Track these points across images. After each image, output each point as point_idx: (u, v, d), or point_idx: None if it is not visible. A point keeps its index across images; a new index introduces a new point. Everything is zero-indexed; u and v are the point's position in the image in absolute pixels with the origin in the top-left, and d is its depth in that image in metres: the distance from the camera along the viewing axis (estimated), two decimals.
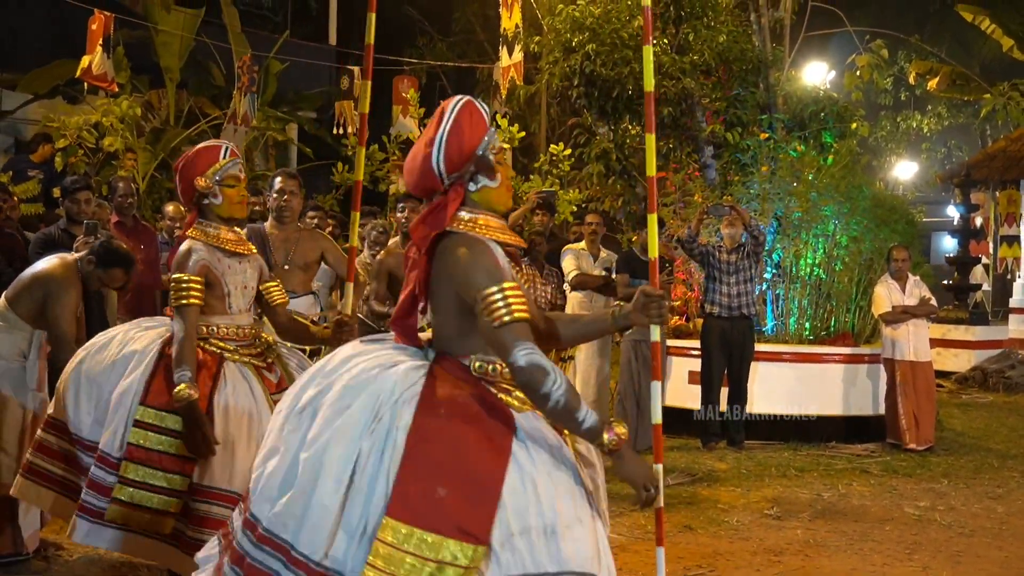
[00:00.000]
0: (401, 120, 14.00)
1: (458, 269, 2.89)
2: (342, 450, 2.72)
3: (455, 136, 2.96)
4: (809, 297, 10.36)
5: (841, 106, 12.96)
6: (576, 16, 12.34)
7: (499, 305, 2.80)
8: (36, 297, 4.93)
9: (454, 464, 2.70)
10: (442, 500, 2.65)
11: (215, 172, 4.54)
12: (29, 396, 5.02)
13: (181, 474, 4.27)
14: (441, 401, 2.80)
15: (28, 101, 14.03)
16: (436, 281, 2.98)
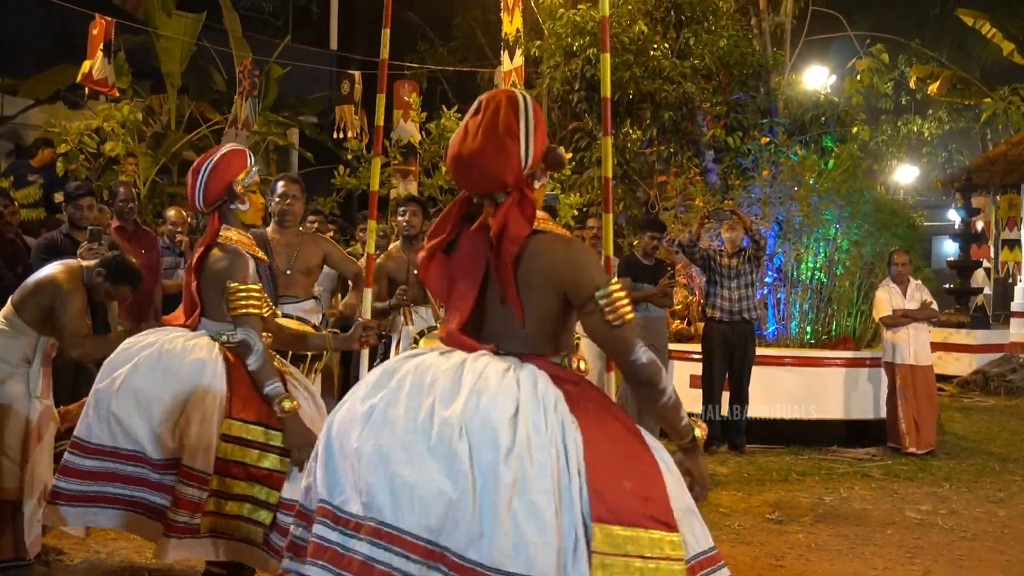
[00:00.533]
0: (402, 124, 13.97)
1: (569, 268, 2.80)
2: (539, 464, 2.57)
3: (540, 132, 2.89)
4: (810, 301, 10.37)
5: (842, 110, 12.98)
6: (577, 21, 12.36)
7: (622, 303, 2.77)
8: (42, 303, 4.94)
9: (623, 457, 2.67)
10: (631, 493, 2.60)
11: (245, 176, 4.50)
12: (33, 403, 5.02)
13: (269, 486, 4.20)
14: (583, 399, 2.74)
15: (29, 106, 14.05)
16: (528, 284, 2.83)
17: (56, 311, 4.89)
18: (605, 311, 2.76)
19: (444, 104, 13.27)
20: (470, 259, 2.90)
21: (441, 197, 12.28)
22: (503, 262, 2.81)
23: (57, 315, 4.89)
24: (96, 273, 5.05)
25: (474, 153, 2.84)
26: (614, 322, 2.76)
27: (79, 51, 12.11)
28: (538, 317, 2.84)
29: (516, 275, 2.81)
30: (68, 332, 4.88)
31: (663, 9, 12.71)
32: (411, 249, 7.44)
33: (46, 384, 5.09)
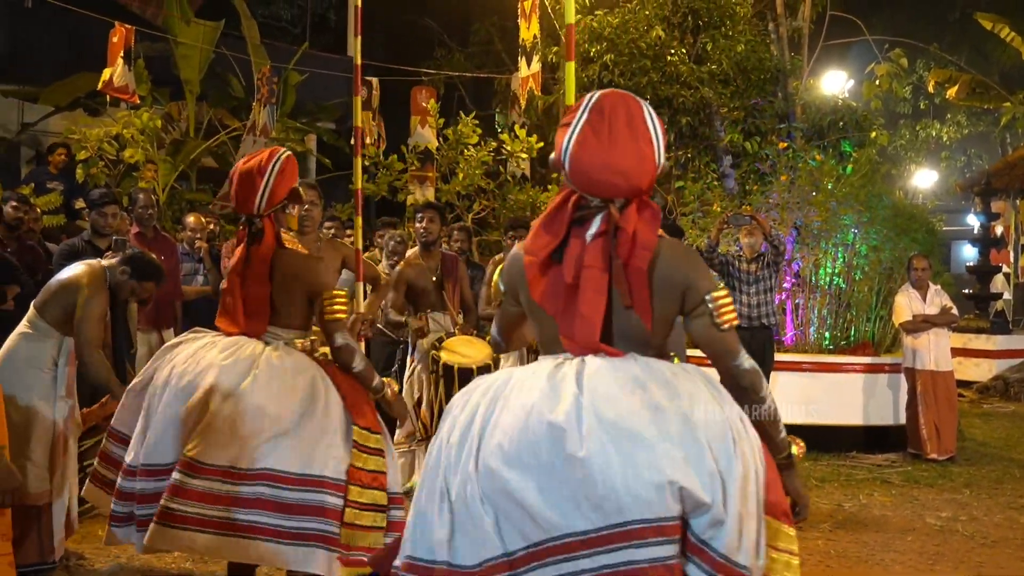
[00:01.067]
0: (419, 130, 14.03)
1: (690, 271, 2.82)
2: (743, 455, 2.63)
3: (663, 132, 2.88)
4: (829, 307, 10.33)
5: (860, 115, 12.95)
6: (594, 27, 12.38)
7: (729, 307, 2.81)
8: (64, 303, 4.98)
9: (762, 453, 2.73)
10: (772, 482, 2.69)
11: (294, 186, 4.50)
12: (59, 404, 5.06)
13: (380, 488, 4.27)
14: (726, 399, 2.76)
15: (50, 113, 14.15)
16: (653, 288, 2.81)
17: (77, 312, 4.93)
18: (714, 314, 2.80)
19: (461, 110, 13.30)
20: (592, 265, 2.81)
21: (458, 203, 12.31)
22: (637, 268, 2.77)
23: (77, 316, 4.92)
24: (120, 271, 5.09)
25: (616, 159, 2.78)
26: (722, 326, 2.80)
27: (99, 59, 12.19)
28: (661, 320, 2.84)
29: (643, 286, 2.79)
30: (84, 335, 4.91)
31: (680, 14, 12.71)
32: (429, 255, 7.45)
33: (71, 384, 5.14)
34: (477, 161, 12.20)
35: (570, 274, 2.79)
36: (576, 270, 2.79)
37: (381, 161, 12.81)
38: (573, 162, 2.79)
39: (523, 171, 13.60)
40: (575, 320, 2.78)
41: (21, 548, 4.98)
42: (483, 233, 12.79)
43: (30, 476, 4.92)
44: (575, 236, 2.83)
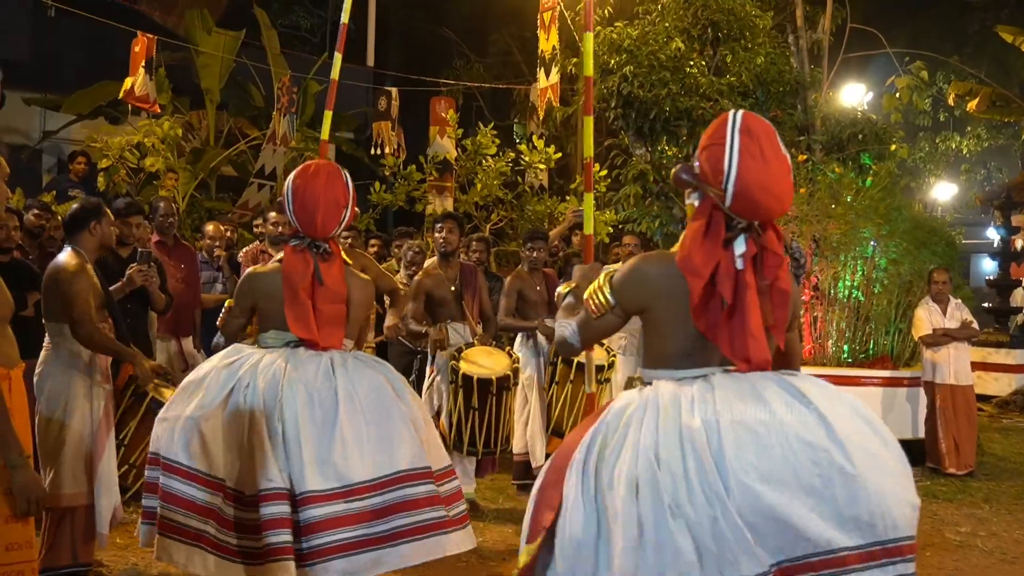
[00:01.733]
0: (438, 141, 14.06)
1: (796, 290, 3.11)
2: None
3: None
4: (848, 320, 10.28)
5: (880, 128, 12.90)
6: (614, 38, 12.36)
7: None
8: (56, 296, 5.04)
9: None
10: None
11: None
12: (96, 391, 5.13)
13: None
14: None
15: (71, 122, 14.26)
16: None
17: (63, 293, 5.00)
18: (800, 327, 3.10)
19: (480, 121, 13.32)
20: (751, 285, 2.92)
21: (476, 213, 12.33)
22: (783, 290, 2.95)
23: (64, 297, 4.99)
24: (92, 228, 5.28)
25: (774, 183, 2.91)
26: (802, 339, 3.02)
27: (120, 68, 12.28)
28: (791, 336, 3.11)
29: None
30: (74, 315, 5.00)
31: (700, 27, 12.69)
32: (447, 265, 7.46)
33: (105, 367, 5.20)
34: (495, 171, 12.22)
35: (730, 295, 2.89)
36: (735, 291, 2.89)
37: (400, 171, 12.84)
38: (739, 184, 2.89)
39: (541, 182, 13.61)
40: (747, 340, 2.88)
41: (53, 551, 5.01)
42: (501, 244, 12.80)
43: (65, 478, 4.97)
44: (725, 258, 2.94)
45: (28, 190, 11.00)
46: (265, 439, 4.17)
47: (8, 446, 3.30)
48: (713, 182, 2.91)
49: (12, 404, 3.73)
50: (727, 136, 2.91)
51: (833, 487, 2.67)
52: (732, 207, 2.90)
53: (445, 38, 20.65)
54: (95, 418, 5.10)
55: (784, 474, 2.67)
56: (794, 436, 2.71)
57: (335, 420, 4.21)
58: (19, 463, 3.33)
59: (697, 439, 2.72)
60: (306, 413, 4.20)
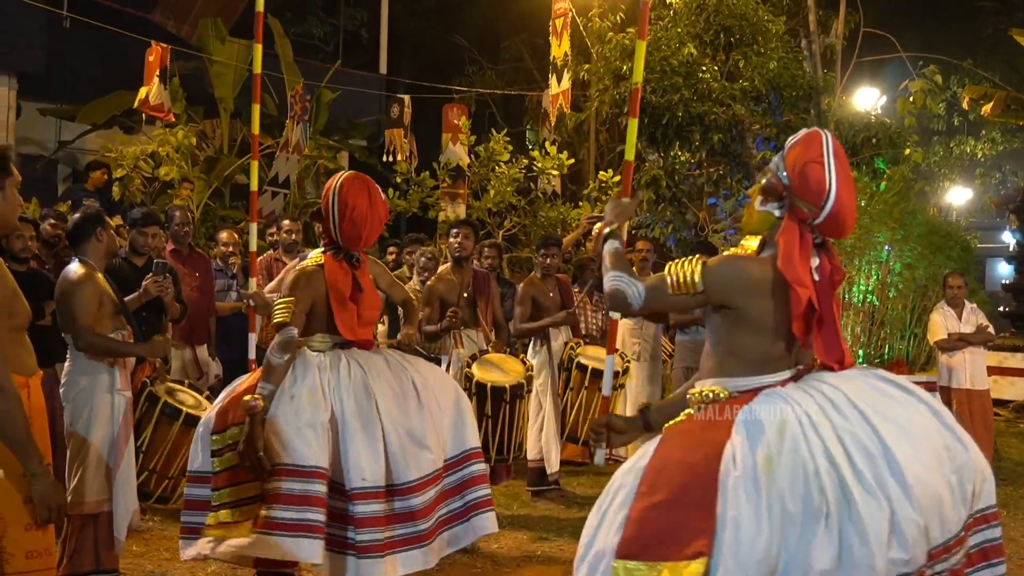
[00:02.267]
0: (451, 147, 14.10)
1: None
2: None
3: None
4: (862, 324, 10.25)
5: (894, 132, 12.87)
6: (626, 44, 12.37)
7: None
8: (67, 310, 5.08)
9: None
10: None
11: None
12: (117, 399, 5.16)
13: None
14: None
15: (86, 131, 14.32)
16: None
17: (67, 303, 5.03)
18: None
19: (492, 127, 13.34)
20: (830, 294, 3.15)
21: (489, 220, 12.34)
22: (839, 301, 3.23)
23: (68, 307, 5.02)
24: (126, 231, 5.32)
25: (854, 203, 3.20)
26: None
27: (135, 77, 12.33)
28: None
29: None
30: (78, 323, 5.03)
31: (712, 32, 12.68)
32: (460, 272, 7.47)
33: (124, 377, 5.21)
34: (508, 178, 12.23)
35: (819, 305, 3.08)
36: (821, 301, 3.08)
37: (412, 178, 12.86)
38: (836, 205, 3.09)
39: (554, 188, 13.62)
40: (839, 344, 3.11)
41: (76, 557, 5.04)
42: (514, 250, 12.81)
43: (89, 485, 5.00)
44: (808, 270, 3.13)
45: (43, 200, 11.05)
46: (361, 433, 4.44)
47: (28, 455, 3.32)
48: (812, 199, 3.07)
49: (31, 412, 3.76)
50: (824, 156, 3.08)
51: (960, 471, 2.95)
52: (821, 225, 3.10)
53: (457, 45, 20.69)
54: (116, 424, 5.13)
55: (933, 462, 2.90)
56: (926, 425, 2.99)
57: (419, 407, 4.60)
58: (39, 471, 3.35)
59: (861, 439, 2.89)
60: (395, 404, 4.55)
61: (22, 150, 14.45)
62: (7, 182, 3.65)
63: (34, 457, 3.34)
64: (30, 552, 3.79)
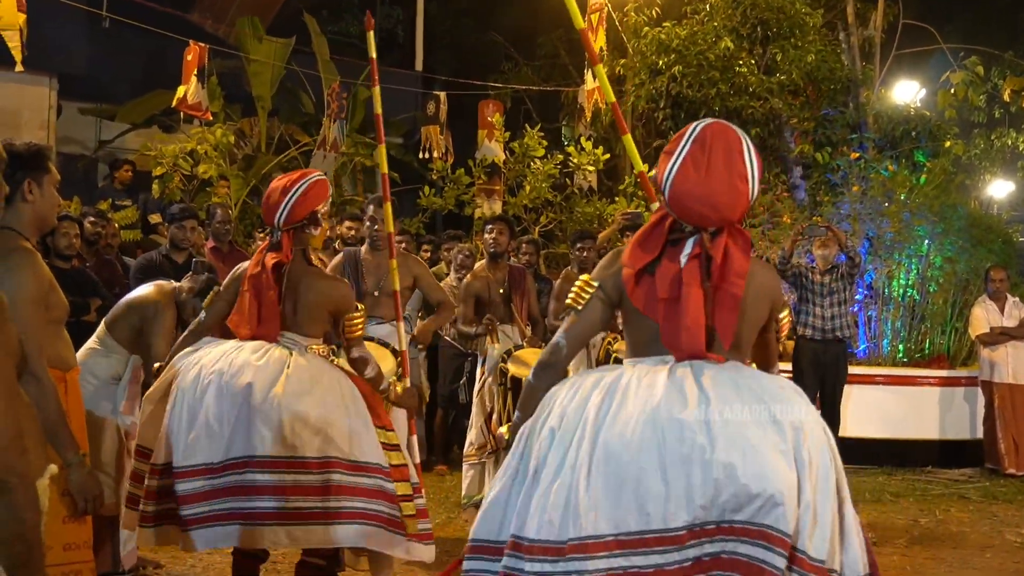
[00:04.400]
0: (487, 144, 14.09)
1: (777, 294, 3.18)
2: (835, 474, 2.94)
3: (759, 167, 3.08)
4: (903, 319, 10.17)
5: (934, 124, 12.75)
6: (662, 38, 12.34)
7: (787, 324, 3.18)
8: (132, 322, 5.08)
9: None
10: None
11: (325, 205, 4.77)
12: (119, 419, 5.14)
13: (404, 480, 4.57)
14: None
15: (126, 131, 14.45)
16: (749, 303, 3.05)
17: (145, 330, 5.03)
18: (779, 326, 3.20)
19: (528, 123, 13.33)
20: (690, 283, 3.00)
21: (525, 216, 12.34)
22: (731, 295, 3.00)
23: (146, 333, 5.03)
24: (188, 291, 5.22)
25: (709, 193, 2.99)
26: (781, 337, 3.22)
27: (174, 77, 12.42)
28: (754, 331, 3.13)
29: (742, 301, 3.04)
30: (154, 351, 5.02)
31: (749, 25, 12.62)
32: (496, 268, 7.47)
33: (134, 403, 5.22)
34: (544, 174, 12.22)
35: (664, 291, 3.02)
36: (671, 288, 3.00)
37: (448, 175, 12.88)
38: (672, 191, 3.03)
39: (590, 183, 13.59)
40: (680, 331, 2.97)
41: (97, 557, 5.06)
42: (550, 246, 12.79)
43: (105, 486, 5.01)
44: (669, 255, 3.05)
45: (84, 198, 11.16)
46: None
47: (64, 445, 3.34)
48: (659, 187, 3.08)
49: (68, 406, 3.79)
50: (680, 146, 3.03)
51: (690, 466, 2.71)
52: (672, 211, 3.06)
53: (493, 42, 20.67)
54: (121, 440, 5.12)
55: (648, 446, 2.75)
56: (666, 413, 2.78)
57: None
58: (75, 461, 3.37)
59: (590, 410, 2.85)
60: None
61: (63, 150, 14.60)
62: (45, 180, 3.69)
63: (70, 447, 3.37)
64: (68, 544, 3.83)
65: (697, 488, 2.70)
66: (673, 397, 2.82)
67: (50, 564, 3.39)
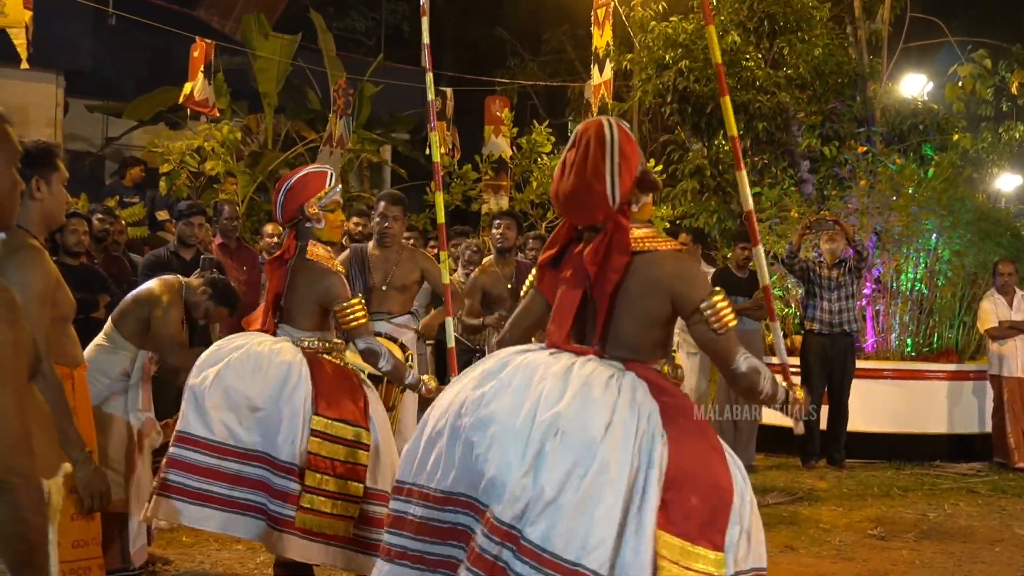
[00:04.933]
0: (493, 140, 14.07)
1: (676, 282, 3.04)
2: (619, 468, 2.78)
3: (625, 164, 3.08)
4: (911, 313, 10.15)
5: (941, 118, 12.71)
6: (669, 33, 12.32)
7: (724, 312, 3.00)
8: (139, 316, 5.08)
9: (703, 473, 2.86)
10: (694, 509, 2.81)
11: (321, 198, 4.75)
12: (132, 416, 5.14)
13: (356, 479, 4.48)
14: (678, 412, 2.96)
15: (133, 128, 14.47)
16: (633, 299, 3.07)
17: (154, 323, 5.04)
18: (710, 321, 2.99)
19: (535, 119, 13.33)
20: (574, 276, 3.13)
21: (532, 211, 12.34)
22: (603, 291, 3.05)
23: (155, 326, 5.04)
24: (201, 291, 5.22)
25: (568, 193, 3.12)
26: (719, 331, 2.99)
27: (180, 73, 12.44)
28: (647, 327, 3.08)
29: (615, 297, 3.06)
30: (167, 341, 5.05)
31: (756, 19, 12.59)
32: (505, 262, 7.47)
33: (146, 397, 5.22)
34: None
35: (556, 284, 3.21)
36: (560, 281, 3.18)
37: (455, 171, 12.88)
38: (552, 189, 3.23)
39: None
40: (551, 322, 3.17)
41: (106, 554, 5.07)
42: None
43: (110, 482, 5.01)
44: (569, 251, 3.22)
45: (92, 196, 11.18)
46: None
47: (70, 442, 3.34)
48: None
49: (75, 403, 3.79)
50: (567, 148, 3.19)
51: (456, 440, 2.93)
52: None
53: (499, 38, 20.68)
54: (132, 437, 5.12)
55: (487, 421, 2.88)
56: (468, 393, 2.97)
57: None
58: (81, 458, 3.38)
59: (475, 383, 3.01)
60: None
61: (70, 147, 14.62)
62: (53, 177, 3.69)
63: (75, 445, 3.38)
64: (77, 541, 3.83)
65: (455, 461, 2.90)
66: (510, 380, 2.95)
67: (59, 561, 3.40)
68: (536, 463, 2.77)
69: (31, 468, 2.07)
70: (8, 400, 2.05)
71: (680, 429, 2.89)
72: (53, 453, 2.57)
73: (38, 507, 2.09)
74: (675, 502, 2.79)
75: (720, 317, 2.98)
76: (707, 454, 2.92)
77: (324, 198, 4.75)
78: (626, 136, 3.13)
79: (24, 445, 2.06)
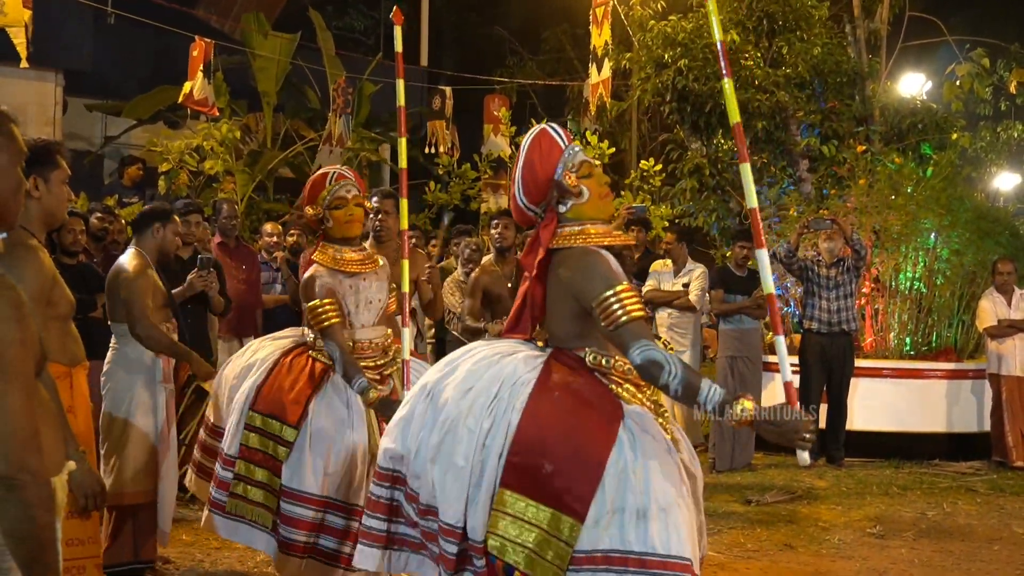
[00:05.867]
0: (492, 139, 14.09)
1: (574, 279, 3.16)
2: (469, 427, 3.03)
3: (528, 172, 3.33)
4: (909, 312, 10.15)
5: (940, 117, 12.72)
6: (668, 32, 12.32)
7: (615, 308, 3.04)
8: (118, 296, 5.11)
9: (563, 443, 2.96)
10: (548, 475, 2.93)
11: (323, 198, 4.83)
12: (159, 389, 5.20)
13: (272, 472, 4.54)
14: (555, 385, 3.08)
15: (132, 127, 14.47)
16: (552, 294, 3.27)
17: (123, 294, 5.07)
18: (600, 317, 3.07)
19: (534, 118, 13.33)
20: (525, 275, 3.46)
21: None
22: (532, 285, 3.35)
23: (124, 297, 5.06)
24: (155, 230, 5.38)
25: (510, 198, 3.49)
26: (608, 327, 3.05)
27: (179, 72, 12.44)
28: (563, 319, 3.25)
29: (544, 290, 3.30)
30: (133, 314, 5.07)
31: (755, 18, 12.60)
32: (504, 262, 7.46)
33: (167, 370, 5.27)
34: None
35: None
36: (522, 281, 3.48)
37: (454, 170, 12.88)
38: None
39: None
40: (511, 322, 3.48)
41: (115, 546, 5.09)
42: None
43: (127, 476, 5.04)
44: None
45: (91, 194, 11.18)
46: None
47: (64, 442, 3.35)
48: None
49: (74, 402, 3.80)
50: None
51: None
52: None
53: (498, 37, 20.69)
54: (159, 418, 5.18)
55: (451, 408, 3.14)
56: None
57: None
58: (75, 457, 3.38)
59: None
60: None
61: (69, 146, 14.58)
62: (54, 175, 3.70)
63: (70, 443, 3.38)
64: (71, 540, 3.84)
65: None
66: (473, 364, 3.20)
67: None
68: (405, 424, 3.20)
69: (40, 466, 2.08)
70: (17, 398, 2.05)
71: (550, 402, 3.03)
72: (58, 450, 2.58)
73: (47, 504, 2.10)
74: (524, 465, 2.95)
75: (609, 314, 3.03)
76: (576, 428, 2.99)
77: (327, 197, 4.83)
78: (542, 142, 3.34)
79: (33, 443, 2.06)
